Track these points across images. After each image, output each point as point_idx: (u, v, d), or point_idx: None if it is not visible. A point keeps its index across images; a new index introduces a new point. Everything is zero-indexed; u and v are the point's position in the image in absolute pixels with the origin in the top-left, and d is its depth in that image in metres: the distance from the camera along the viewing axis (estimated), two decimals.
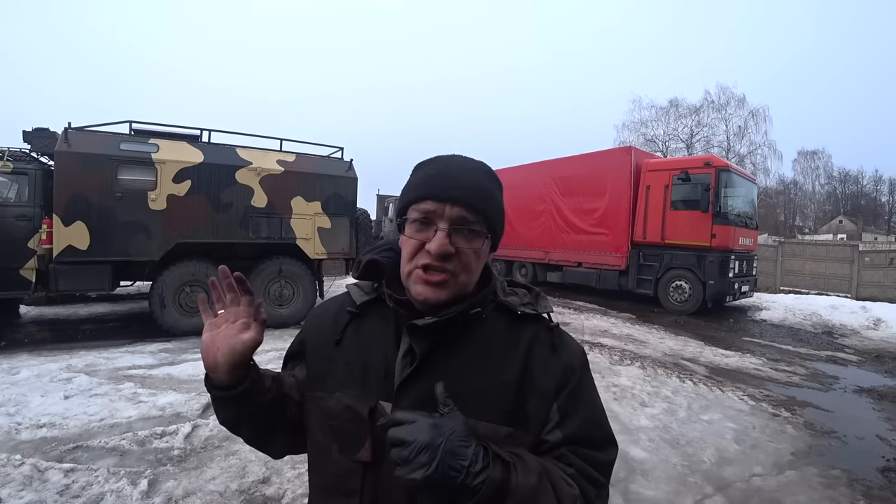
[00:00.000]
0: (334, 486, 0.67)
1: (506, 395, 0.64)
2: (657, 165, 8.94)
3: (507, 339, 0.68)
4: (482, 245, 0.65)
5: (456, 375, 0.63)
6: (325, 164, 6.54)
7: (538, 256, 10.88)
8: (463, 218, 0.63)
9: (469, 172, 0.67)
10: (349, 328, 0.72)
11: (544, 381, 0.65)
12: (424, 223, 0.63)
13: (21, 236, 4.83)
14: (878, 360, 5.59)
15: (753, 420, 3.37)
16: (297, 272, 6.23)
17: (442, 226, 0.62)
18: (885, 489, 2.51)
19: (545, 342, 0.68)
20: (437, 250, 0.61)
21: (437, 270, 0.62)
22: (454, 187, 0.63)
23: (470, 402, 0.61)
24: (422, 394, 0.62)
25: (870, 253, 12.07)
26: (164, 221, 5.32)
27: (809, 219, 48.78)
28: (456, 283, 0.63)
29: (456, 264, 0.62)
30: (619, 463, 2.63)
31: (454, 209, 0.62)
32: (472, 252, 0.64)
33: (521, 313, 0.69)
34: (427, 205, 0.63)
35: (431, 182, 0.65)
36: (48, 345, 5.09)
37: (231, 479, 2.34)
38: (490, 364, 0.66)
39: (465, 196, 0.63)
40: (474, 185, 0.65)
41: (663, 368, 4.60)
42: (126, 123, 5.39)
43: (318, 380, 0.71)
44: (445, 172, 0.66)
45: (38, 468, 2.31)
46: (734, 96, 26.57)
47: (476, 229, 0.64)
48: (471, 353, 0.66)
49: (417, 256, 0.63)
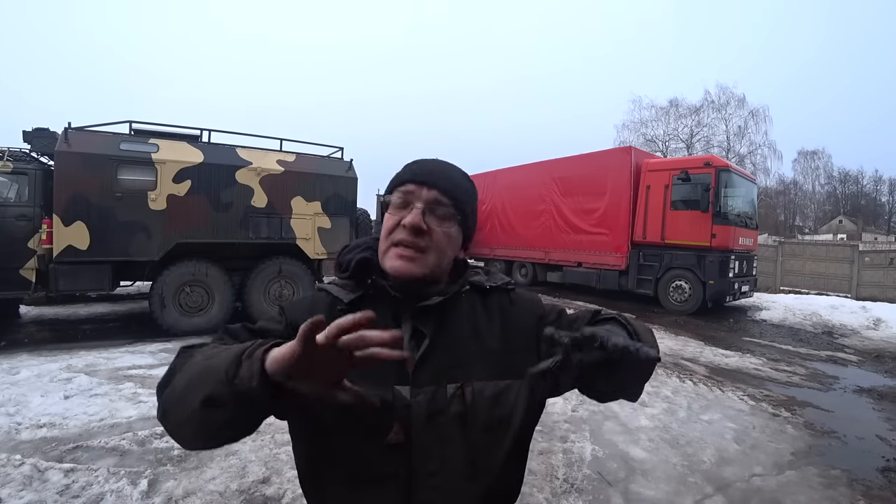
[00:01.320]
0: (363, 473, 0.68)
1: (497, 355, 0.74)
2: (657, 165, 8.94)
3: (483, 310, 0.78)
4: (451, 229, 0.72)
5: (455, 347, 0.72)
6: (325, 164, 6.54)
7: (538, 256, 10.88)
8: (436, 200, 0.71)
9: (447, 168, 0.76)
10: None
11: (521, 331, 0.77)
12: (403, 204, 0.71)
13: (21, 236, 4.84)
14: (878, 360, 5.58)
15: (753, 420, 3.37)
16: (297, 272, 6.23)
17: (418, 205, 0.70)
18: (885, 489, 2.51)
19: (506, 302, 0.81)
20: (410, 223, 0.68)
21: (410, 246, 0.69)
22: (431, 173, 0.73)
23: (471, 367, 0.71)
24: (434, 369, 0.69)
25: (870, 253, 12.07)
26: (164, 221, 5.32)
27: (809, 219, 48.76)
28: (426, 261, 0.70)
29: (427, 241, 0.69)
30: (619, 463, 2.65)
31: (430, 192, 0.71)
32: (442, 233, 0.71)
33: (489, 287, 0.80)
34: (406, 187, 0.72)
35: (412, 169, 0.74)
36: (48, 345, 5.09)
37: (231, 479, 2.34)
38: (479, 333, 0.75)
39: (440, 182, 0.72)
40: (449, 176, 0.75)
41: (663, 368, 4.60)
42: (126, 123, 5.40)
43: None
44: (426, 164, 0.76)
45: (38, 468, 2.31)
46: (734, 96, 26.57)
47: (447, 212, 0.71)
48: (461, 328, 0.74)
49: (394, 233, 0.70)
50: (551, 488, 2.38)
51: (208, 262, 5.65)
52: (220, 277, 5.72)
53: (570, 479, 2.46)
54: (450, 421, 0.68)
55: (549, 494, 2.32)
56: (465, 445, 0.68)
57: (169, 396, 0.60)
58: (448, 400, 0.68)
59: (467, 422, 0.68)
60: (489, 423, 0.70)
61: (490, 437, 0.70)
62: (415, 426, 0.66)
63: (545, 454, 2.71)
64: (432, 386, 0.68)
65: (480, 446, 0.69)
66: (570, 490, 2.37)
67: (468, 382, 0.70)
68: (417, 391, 0.68)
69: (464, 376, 0.70)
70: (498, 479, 0.72)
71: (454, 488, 0.68)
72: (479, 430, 0.69)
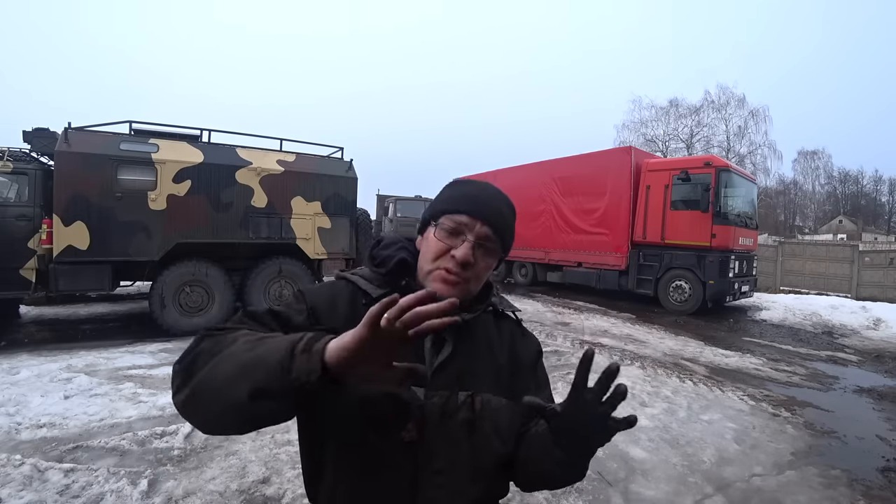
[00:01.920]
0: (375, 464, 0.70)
1: (503, 373, 0.80)
2: (657, 165, 8.94)
3: (496, 331, 0.84)
4: (492, 262, 0.76)
5: (472, 358, 0.77)
6: (325, 164, 6.54)
7: (538, 256, 10.88)
8: (488, 236, 0.74)
9: (500, 201, 0.79)
10: None
11: (524, 361, 0.85)
12: (454, 232, 0.73)
13: (21, 236, 4.83)
14: (878, 360, 5.58)
15: (753, 420, 3.37)
16: (297, 272, 6.23)
17: (470, 238, 0.72)
18: (885, 489, 2.51)
19: (518, 333, 0.88)
20: (463, 258, 0.71)
21: (456, 275, 0.72)
22: (487, 208, 0.75)
23: (483, 379, 0.76)
24: (451, 375, 0.73)
25: (870, 253, 12.06)
26: (164, 221, 5.32)
27: (809, 219, 48.74)
28: (466, 289, 0.74)
29: (471, 273, 0.73)
30: (618, 463, 2.65)
31: (483, 227, 0.74)
32: (485, 266, 0.75)
33: (500, 311, 0.86)
34: (462, 217, 0.74)
35: (469, 199, 0.76)
36: (48, 345, 5.09)
37: (231, 479, 2.34)
38: (491, 350, 0.80)
39: (494, 219, 0.75)
40: (502, 213, 0.77)
41: (663, 368, 4.60)
42: (126, 123, 5.39)
43: None
44: (482, 195, 0.77)
45: (38, 468, 2.31)
46: (734, 96, 26.56)
47: (494, 248, 0.75)
48: (478, 343, 0.79)
49: (441, 259, 0.73)
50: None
51: (208, 262, 5.65)
52: (220, 277, 5.72)
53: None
54: (458, 425, 0.72)
55: (548, 494, 2.32)
56: (470, 449, 0.73)
57: (205, 383, 0.57)
58: (458, 406, 0.73)
59: (475, 428, 0.73)
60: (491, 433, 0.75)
61: (490, 446, 0.75)
62: (427, 426, 0.70)
63: None
64: (446, 391, 0.72)
65: (482, 453, 0.74)
66: (570, 490, 2.37)
67: (478, 392, 0.74)
68: (432, 394, 0.71)
69: (475, 386, 0.75)
70: (494, 483, 0.78)
71: (457, 488, 0.72)
72: (483, 436, 0.74)
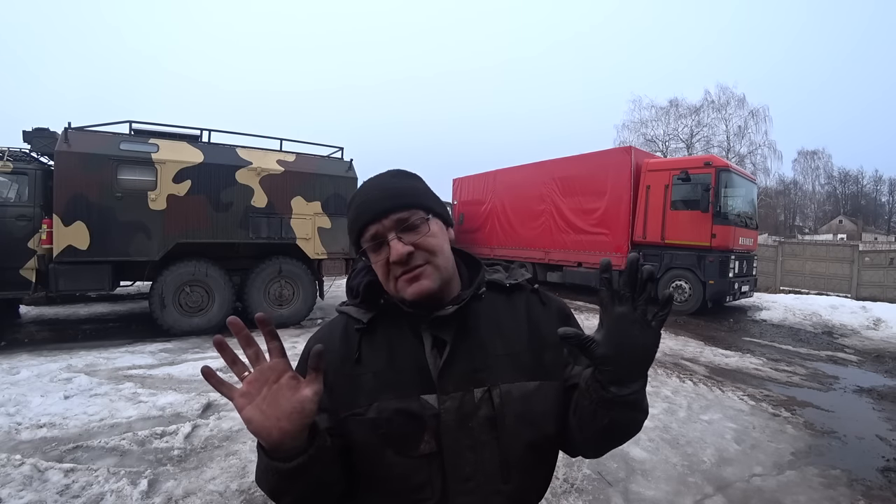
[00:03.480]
0: (399, 486, 0.68)
1: (524, 355, 0.74)
2: (657, 165, 8.93)
3: (507, 308, 0.78)
4: (430, 228, 0.71)
5: (481, 351, 0.72)
6: (325, 164, 6.55)
7: (538, 256, 10.87)
8: (399, 220, 0.69)
9: (384, 184, 0.74)
10: (363, 344, 0.73)
11: (549, 332, 0.75)
12: (378, 245, 0.70)
13: (21, 236, 4.84)
14: (878, 360, 5.58)
15: (753, 420, 3.37)
16: (297, 272, 6.23)
17: (390, 237, 0.69)
18: (885, 489, 2.51)
19: (535, 302, 0.80)
20: (397, 257, 0.67)
21: (410, 270, 0.68)
22: (378, 202, 0.71)
23: (498, 369, 0.71)
24: (459, 374, 0.69)
25: (870, 253, 12.06)
26: (164, 221, 5.32)
27: (809, 219, 48.74)
28: (435, 269, 0.70)
29: (422, 255, 0.69)
30: (619, 463, 2.65)
31: (389, 219, 0.69)
32: (426, 238, 0.70)
33: (508, 285, 0.79)
34: (370, 231, 0.70)
35: (361, 211, 0.72)
36: (48, 345, 5.09)
37: (231, 479, 2.34)
38: (504, 334, 0.75)
39: (390, 204, 0.70)
40: (392, 192, 0.72)
41: (663, 368, 4.60)
42: (126, 123, 5.40)
43: (347, 400, 0.71)
44: (367, 197, 0.72)
45: (38, 468, 2.31)
46: (734, 96, 26.51)
47: (415, 221, 0.70)
48: (485, 329, 0.74)
49: (390, 272, 0.70)
50: (551, 488, 2.37)
51: (208, 262, 5.65)
52: (220, 277, 5.72)
53: (570, 479, 2.46)
54: (480, 425, 0.68)
55: (548, 494, 2.31)
56: (496, 448, 0.69)
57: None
58: (476, 404, 0.69)
59: (497, 424, 0.69)
60: (518, 425, 0.70)
61: (520, 438, 0.70)
62: (445, 434, 0.67)
63: None
64: (459, 392, 0.69)
65: (511, 448, 0.70)
66: (570, 490, 2.37)
67: (495, 385, 0.70)
68: (445, 398, 0.68)
69: (491, 379, 0.70)
70: (529, 479, 0.73)
71: (489, 491, 0.68)
72: (509, 432, 0.69)
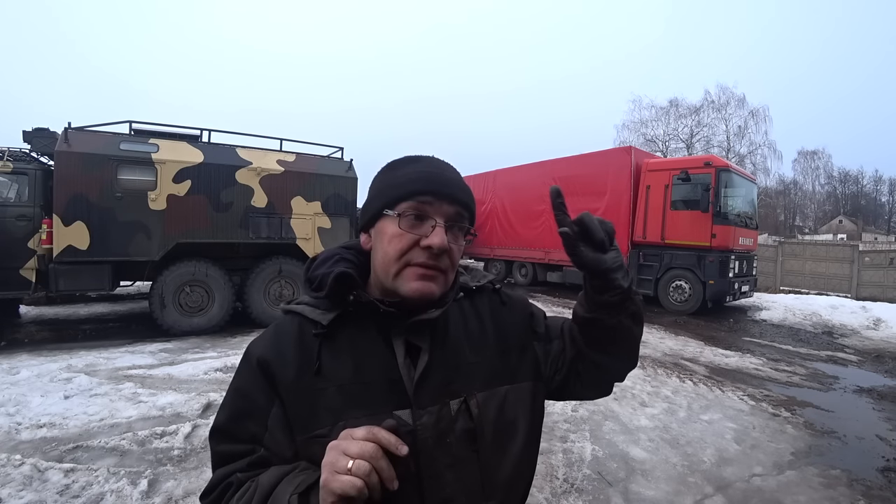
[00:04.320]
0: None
1: (494, 360, 0.70)
2: (657, 165, 8.94)
3: (472, 312, 0.73)
4: (464, 242, 0.67)
5: (455, 360, 0.67)
6: (325, 164, 6.54)
7: (538, 256, 10.88)
8: (458, 214, 0.64)
9: (456, 174, 0.68)
10: (323, 352, 0.63)
11: (514, 332, 0.74)
12: (419, 218, 0.62)
13: (21, 236, 4.84)
14: (878, 360, 5.58)
15: (753, 420, 3.37)
16: (297, 272, 6.22)
17: (440, 221, 0.62)
18: (885, 489, 2.51)
19: (496, 302, 0.77)
20: (441, 245, 0.60)
21: (434, 268, 0.62)
22: (450, 184, 0.65)
23: (474, 377, 0.66)
24: (435, 386, 0.63)
25: (870, 253, 12.05)
26: (164, 221, 5.32)
27: (809, 219, 48.75)
28: (446, 279, 0.65)
29: (447, 262, 0.63)
30: (618, 463, 2.65)
31: (452, 206, 0.64)
32: (458, 249, 0.65)
33: (473, 287, 0.76)
34: (426, 198, 0.62)
35: (428, 178, 0.64)
36: (48, 345, 5.09)
37: None
38: (472, 339, 0.70)
39: (460, 195, 0.65)
40: (465, 188, 0.67)
41: (663, 368, 4.60)
42: (126, 123, 5.40)
43: (308, 418, 0.60)
44: (440, 172, 0.66)
45: (38, 468, 2.31)
46: (734, 96, 26.53)
47: (465, 227, 0.66)
48: (455, 336, 0.69)
49: (410, 252, 0.61)
50: (551, 488, 2.38)
51: (208, 262, 5.65)
52: (220, 277, 5.72)
53: (570, 479, 2.46)
54: (458, 440, 0.63)
55: (549, 494, 2.32)
56: (476, 465, 0.63)
57: None
58: (454, 417, 0.63)
59: (476, 437, 0.63)
60: (497, 434, 0.65)
61: (499, 448, 0.66)
62: (423, 453, 0.60)
63: (545, 454, 2.70)
64: (436, 405, 0.62)
65: (492, 462, 0.65)
66: (570, 490, 2.37)
67: (471, 395, 0.64)
68: (421, 413, 0.61)
69: (465, 389, 0.65)
70: (511, 494, 0.68)
71: None
72: (488, 443, 0.64)
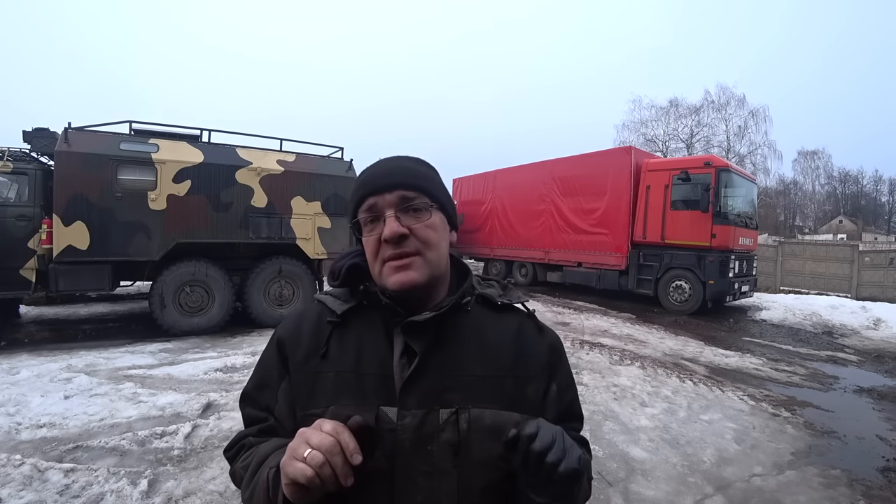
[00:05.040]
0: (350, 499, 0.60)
1: (505, 382, 0.67)
2: (657, 165, 8.94)
3: (495, 328, 0.71)
4: (431, 218, 0.66)
5: (456, 368, 0.65)
6: (325, 164, 6.54)
7: (538, 256, 10.88)
8: (402, 197, 0.65)
9: (397, 162, 0.71)
10: (333, 339, 0.68)
11: (537, 363, 0.71)
12: (374, 220, 0.66)
13: (21, 236, 4.83)
14: (878, 360, 5.58)
15: (753, 420, 3.37)
16: (297, 272, 6.23)
17: (388, 213, 0.64)
18: (885, 489, 2.51)
19: (530, 328, 0.74)
20: (390, 234, 0.63)
21: (399, 256, 0.64)
22: (386, 176, 0.67)
23: (473, 392, 0.64)
24: (426, 391, 0.63)
25: (870, 253, 12.06)
26: (164, 221, 5.32)
27: (809, 219, 48.74)
28: (424, 262, 0.65)
29: (415, 243, 0.64)
30: (619, 463, 2.65)
31: (392, 194, 0.65)
32: (425, 227, 0.65)
33: (500, 303, 0.73)
34: (369, 202, 0.66)
35: (366, 182, 0.68)
36: (48, 345, 5.09)
37: (231, 480, 2.34)
38: (485, 354, 0.68)
39: (398, 180, 0.66)
40: (404, 170, 0.69)
41: (663, 368, 4.60)
42: (126, 123, 5.40)
43: (307, 397, 0.66)
44: (375, 170, 0.70)
45: (38, 468, 2.31)
46: (734, 96, 26.56)
47: (419, 204, 0.66)
48: (464, 345, 0.68)
49: (380, 251, 0.65)
50: None
51: (208, 262, 5.65)
52: (220, 277, 5.72)
53: None
54: (441, 450, 0.61)
55: None
56: (455, 480, 0.61)
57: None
58: (440, 426, 0.62)
59: (460, 452, 0.61)
60: (484, 457, 0.62)
61: (483, 472, 0.62)
62: (399, 453, 0.60)
63: None
64: (423, 409, 0.62)
65: (473, 482, 0.62)
66: None
67: (465, 408, 0.63)
68: (405, 414, 0.61)
69: (461, 401, 0.63)
70: None
71: None
72: (473, 463, 0.62)
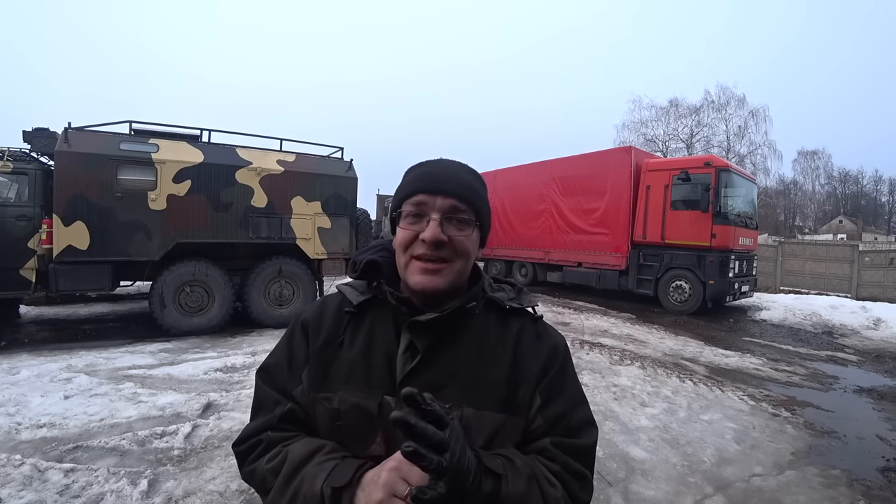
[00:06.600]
0: None
1: (500, 385, 0.69)
2: (657, 165, 8.94)
3: (498, 332, 0.73)
4: (472, 233, 0.69)
5: (455, 368, 0.68)
6: (325, 164, 6.54)
7: (538, 256, 10.88)
8: (453, 207, 0.68)
9: (456, 170, 0.73)
10: (349, 328, 0.73)
11: (531, 368, 0.72)
12: (417, 216, 0.68)
13: (21, 236, 4.83)
14: (878, 360, 5.58)
15: (753, 420, 3.37)
16: (297, 272, 6.23)
17: (434, 216, 0.66)
18: (885, 489, 2.51)
19: (531, 332, 0.75)
20: (431, 238, 0.65)
21: (432, 260, 0.66)
22: (443, 181, 0.69)
23: (469, 392, 0.67)
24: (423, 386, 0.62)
25: (870, 253, 12.06)
26: (164, 221, 5.32)
27: (809, 219, 48.75)
28: (452, 271, 0.68)
29: (449, 252, 0.67)
30: (618, 463, 2.65)
31: (445, 200, 0.67)
32: (464, 239, 0.68)
33: (508, 307, 0.75)
34: (419, 198, 0.68)
35: (422, 178, 0.70)
36: (48, 345, 5.09)
37: (231, 479, 2.34)
38: (485, 356, 0.71)
39: (454, 188, 0.69)
40: (461, 180, 0.71)
41: (663, 368, 4.60)
42: (126, 123, 5.40)
43: (321, 380, 0.71)
44: (434, 170, 0.72)
45: (38, 468, 2.31)
46: (734, 96, 26.57)
47: (465, 218, 0.69)
48: (467, 346, 0.70)
49: (412, 246, 0.67)
50: None
51: (208, 262, 5.65)
52: (220, 277, 5.72)
53: None
54: None
55: None
56: None
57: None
58: None
59: None
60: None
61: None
62: (394, 443, 0.63)
63: None
64: None
65: None
66: None
67: (458, 406, 0.65)
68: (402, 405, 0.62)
69: (455, 399, 0.65)
70: None
71: None
72: None
